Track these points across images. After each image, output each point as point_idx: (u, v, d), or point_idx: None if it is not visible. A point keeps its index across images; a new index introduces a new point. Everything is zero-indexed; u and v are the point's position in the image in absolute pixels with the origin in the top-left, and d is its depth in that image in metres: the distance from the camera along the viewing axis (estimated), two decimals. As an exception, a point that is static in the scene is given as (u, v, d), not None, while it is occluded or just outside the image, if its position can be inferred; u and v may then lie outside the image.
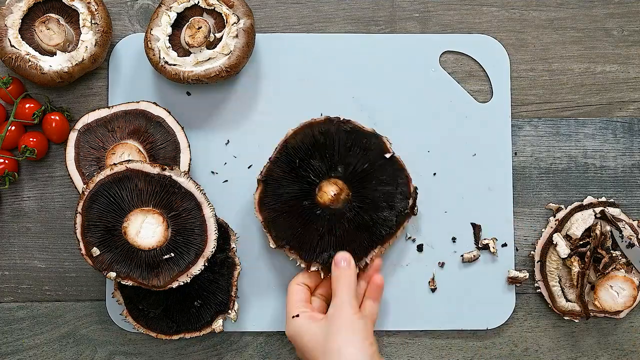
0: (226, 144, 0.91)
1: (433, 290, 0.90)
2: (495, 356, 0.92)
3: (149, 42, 0.87)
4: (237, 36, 0.86)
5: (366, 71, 0.92)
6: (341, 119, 0.85)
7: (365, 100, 0.92)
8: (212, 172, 0.91)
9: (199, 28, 0.86)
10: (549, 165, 0.93)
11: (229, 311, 0.87)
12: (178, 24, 0.88)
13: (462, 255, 0.91)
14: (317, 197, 0.85)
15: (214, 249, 0.83)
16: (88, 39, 0.86)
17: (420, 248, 0.91)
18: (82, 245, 0.82)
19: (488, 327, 0.90)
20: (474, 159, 0.92)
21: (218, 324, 0.87)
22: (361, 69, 0.92)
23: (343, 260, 0.84)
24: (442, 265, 0.91)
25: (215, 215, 0.83)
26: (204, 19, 0.87)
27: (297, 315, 0.82)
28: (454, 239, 0.91)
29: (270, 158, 0.85)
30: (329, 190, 0.84)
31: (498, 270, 0.91)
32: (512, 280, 0.90)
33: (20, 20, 0.87)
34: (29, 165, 0.91)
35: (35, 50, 0.87)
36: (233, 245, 0.87)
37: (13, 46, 0.86)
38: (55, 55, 0.86)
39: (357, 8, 0.93)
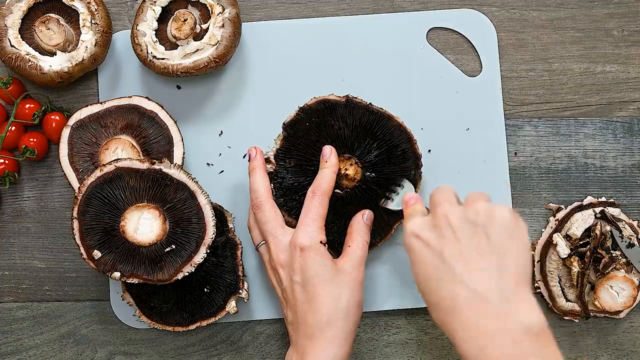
0: (220, 134, 0.91)
1: None
2: (495, 356, 0.92)
3: (135, 38, 0.87)
4: (223, 26, 0.86)
5: (354, 52, 0.92)
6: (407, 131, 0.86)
7: (355, 82, 0.92)
8: (208, 164, 0.91)
9: (185, 20, 0.86)
10: (549, 165, 0.93)
11: (240, 291, 0.86)
12: (163, 18, 0.88)
13: None
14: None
15: (214, 235, 0.83)
16: (88, 39, 0.86)
17: None
18: (82, 250, 0.82)
19: None
20: (468, 133, 0.92)
21: (231, 306, 0.86)
22: (349, 50, 0.92)
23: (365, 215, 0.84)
24: None
25: (211, 202, 0.83)
26: (189, 11, 0.87)
27: (325, 244, 0.80)
28: None
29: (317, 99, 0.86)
30: (345, 169, 0.85)
31: None
32: None
33: (20, 20, 0.87)
34: (29, 165, 0.91)
35: (35, 50, 0.87)
36: (231, 225, 0.87)
37: (13, 46, 0.86)
38: (55, 55, 0.86)
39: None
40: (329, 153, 0.84)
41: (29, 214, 0.91)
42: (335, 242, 0.86)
